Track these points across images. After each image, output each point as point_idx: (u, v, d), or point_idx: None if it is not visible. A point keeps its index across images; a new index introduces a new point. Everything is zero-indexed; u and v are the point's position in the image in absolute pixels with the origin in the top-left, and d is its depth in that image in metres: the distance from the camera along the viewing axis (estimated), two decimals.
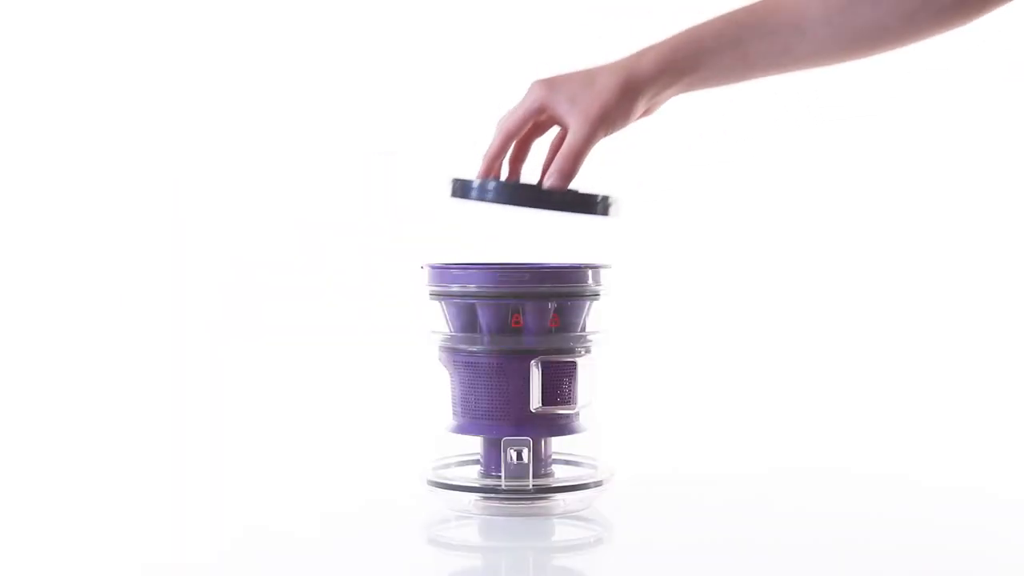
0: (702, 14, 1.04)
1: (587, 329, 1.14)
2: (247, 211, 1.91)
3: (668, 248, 1.90)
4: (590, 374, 1.12)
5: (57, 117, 1.88)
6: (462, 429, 1.13)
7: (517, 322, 1.10)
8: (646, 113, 1.06)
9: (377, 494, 1.21)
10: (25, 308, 1.83)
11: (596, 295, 1.13)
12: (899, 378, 1.75)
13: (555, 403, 1.10)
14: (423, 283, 1.15)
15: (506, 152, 1.06)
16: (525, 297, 1.09)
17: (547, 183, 1.03)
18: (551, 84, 1.04)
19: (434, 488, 1.12)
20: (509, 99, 1.05)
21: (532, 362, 1.09)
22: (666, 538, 1.06)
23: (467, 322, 1.12)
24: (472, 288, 1.10)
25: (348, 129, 1.92)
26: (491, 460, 1.12)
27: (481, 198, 1.03)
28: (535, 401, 1.09)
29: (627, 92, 1.02)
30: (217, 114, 1.91)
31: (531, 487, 1.10)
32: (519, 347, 1.10)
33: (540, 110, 1.04)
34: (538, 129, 1.07)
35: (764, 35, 1.03)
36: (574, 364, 1.11)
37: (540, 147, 1.08)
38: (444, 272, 1.12)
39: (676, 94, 1.06)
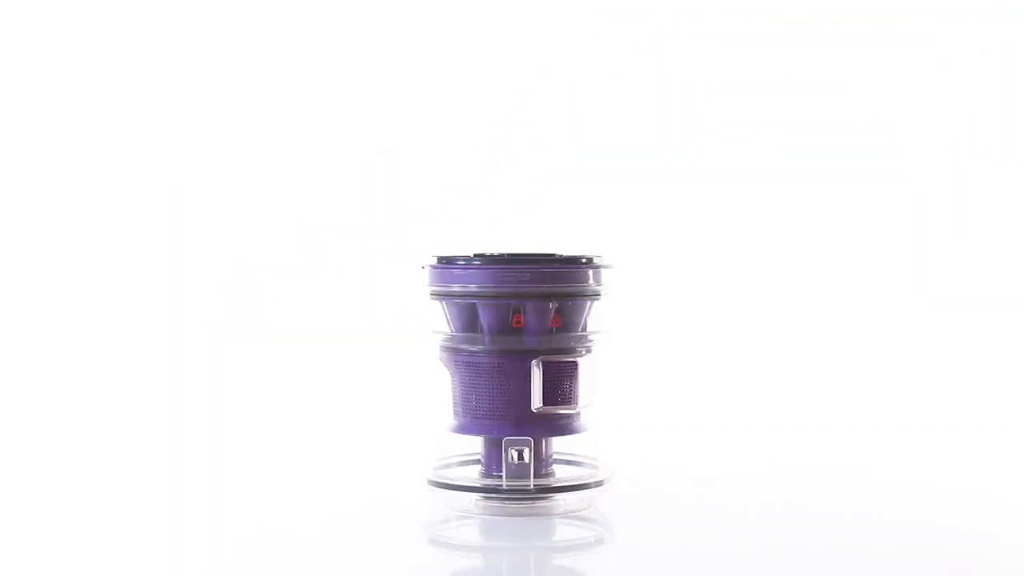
0: (702, 15, 1.04)
1: (588, 329, 1.14)
2: (247, 211, 1.90)
3: (669, 247, 1.90)
4: (591, 374, 1.12)
5: (56, 117, 1.88)
6: (463, 429, 1.13)
7: (518, 322, 1.10)
8: None
9: (377, 494, 1.21)
10: (24, 308, 1.83)
11: (597, 295, 1.13)
12: (900, 379, 1.74)
13: (556, 403, 1.10)
14: (423, 283, 1.15)
15: None
16: (526, 297, 1.09)
17: None
18: None
19: (435, 488, 1.12)
20: (509, 99, 1.05)
21: (533, 362, 1.09)
22: (666, 538, 1.06)
23: (468, 322, 1.12)
24: (473, 288, 1.10)
25: (348, 129, 1.92)
26: (492, 460, 1.12)
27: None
28: (536, 401, 1.09)
29: None
30: (217, 114, 1.91)
31: (532, 487, 1.10)
32: (520, 347, 1.10)
33: None
34: None
35: None
36: (575, 364, 1.11)
37: None
38: (445, 272, 1.12)
39: None
